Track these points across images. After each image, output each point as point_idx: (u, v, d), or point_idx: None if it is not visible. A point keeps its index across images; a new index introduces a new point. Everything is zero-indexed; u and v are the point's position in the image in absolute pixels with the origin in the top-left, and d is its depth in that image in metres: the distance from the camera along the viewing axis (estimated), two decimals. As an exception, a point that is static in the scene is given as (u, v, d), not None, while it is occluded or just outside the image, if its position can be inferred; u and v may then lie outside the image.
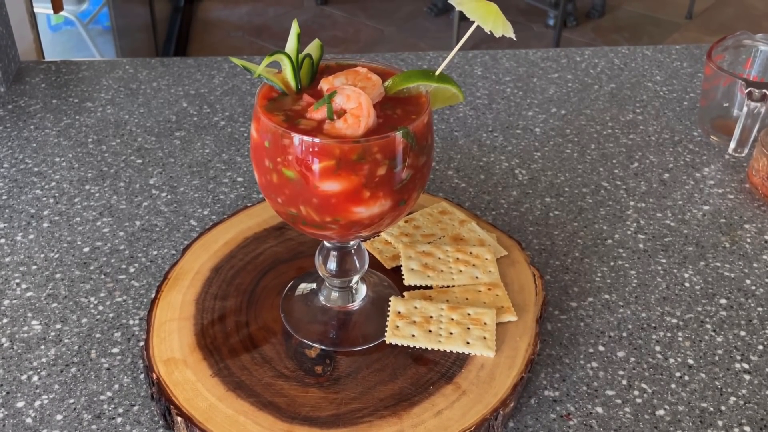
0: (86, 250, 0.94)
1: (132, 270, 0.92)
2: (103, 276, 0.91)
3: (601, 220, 1.03)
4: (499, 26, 0.67)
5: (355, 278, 0.81)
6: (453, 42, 4.02)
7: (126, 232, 0.97)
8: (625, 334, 0.86)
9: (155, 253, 0.94)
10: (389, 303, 0.82)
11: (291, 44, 0.72)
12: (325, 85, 0.71)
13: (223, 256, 0.89)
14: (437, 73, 0.71)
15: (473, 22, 0.67)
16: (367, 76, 0.71)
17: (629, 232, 1.01)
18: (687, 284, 0.93)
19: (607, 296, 0.91)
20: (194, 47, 3.93)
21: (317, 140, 0.64)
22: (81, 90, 1.27)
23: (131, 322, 0.85)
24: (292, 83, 0.71)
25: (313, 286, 0.85)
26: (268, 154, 0.68)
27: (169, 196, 1.04)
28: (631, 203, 1.06)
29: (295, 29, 0.72)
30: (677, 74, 1.38)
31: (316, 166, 0.65)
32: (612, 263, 0.96)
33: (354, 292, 0.83)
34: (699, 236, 1.00)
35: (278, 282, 0.86)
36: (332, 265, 0.79)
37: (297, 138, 0.65)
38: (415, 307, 0.81)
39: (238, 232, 0.93)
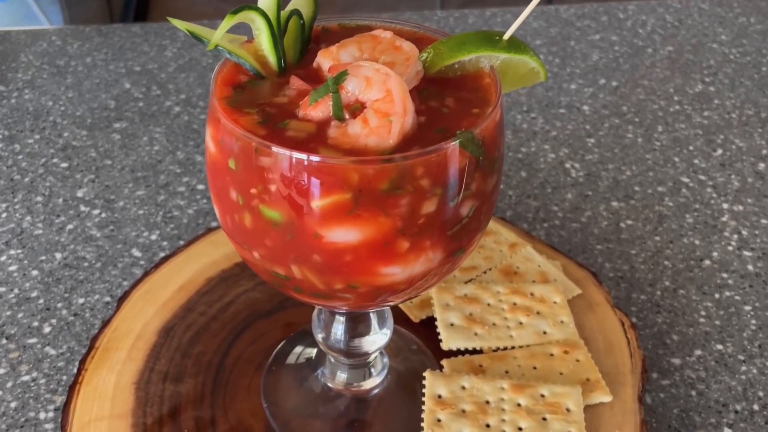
0: (-17, 299, 0.67)
1: (47, 330, 0.64)
2: (5, 341, 0.63)
3: (690, 232, 0.76)
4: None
5: (374, 354, 0.54)
6: (437, 3, 3.70)
7: (41, 271, 0.69)
8: (757, 407, 0.60)
9: (81, 301, 0.66)
10: (423, 381, 0.55)
11: (267, -6, 0.44)
12: (325, 60, 0.43)
13: (176, 309, 0.62)
14: (506, 36, 0.44)
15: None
16: (395, 45, 0.43)
17: (731, 248, 0.75)
18: (824, 323, 0.67)
19: (720, 346, 0.65)
20: (155, 15, 3.58)
21: (318, 159, 0.37)
22: (-9, 69, 0.98)
23: (43, 415, 0.57)
24: (272, 58, 0.44)
25: (311, 354, 0.59)
26: (236, 182, 0.40)
27: (103, 215, 0.75)
28: (725, 206, 0.80)
29: (272, -31, 0.44)
30: (746, 33, 1.11)
31: (318, 202, 0.38)
32: (717, 295, 0.70)
33: (371, 366, 0.56)
34: (823, 251, 0.75)
35: (257, 349, 0.59)
36: (338, 335, 0.52)
37: (284, 155, 0.37)
38: (463, 388, 0.55)
39: (198, 270, 0.66)
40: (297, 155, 0.37)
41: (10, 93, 0.93)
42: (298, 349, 0.59)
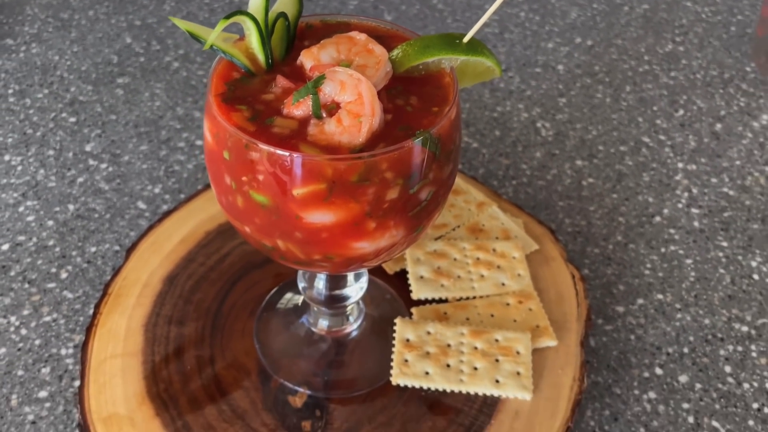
0: (5, 247, 0.74)
1: (64, 275, 0.72)
2: (26, 285, 0.71)
3: (646, 190, 0.84)
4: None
5: (351, 305, 0.62)
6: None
7: (56, 221, 0.77)
8: (686, 350, 0.69)
9: (93, 250, 0.74)
10: (394, 327, 0.64)
11: (256, -1, 0.50)
12: (307, 60, 0.50)
13: (178, 260, 0.70)
14: (466, 39, 0.50)
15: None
16: (368, 48, 0.50)
17: (680, 206, 0.82)
18: (756, 276, 0.75)
19: (660, 296, 0.73)
20: None
21: (298, 156, 0.44)
22: (-1, 21, 1.03)
23: (63, 351, 0.66)
24: (261, 57, 0.50)
25: (297, 300, 0.67)
26: (230, 170, 0.47)
27: (110, 168, 0.83)
28: (680, 165, 0.87)
29: (261, -24, 0.50)
30: (720, -10, 1.16)
31: (299, 191, 0.45)
32: (663, 249, 0.78)
33: (349, 314, 0.64)
34: (765, 209, 0.82)
35: (250, 297, 0.68)
36: (320, 287, 0.61)
37: (269, 151, 0.44)
38: (428, 333, 0.63)
39: (198, 224, 0.73)
40: (280, 152, 0.44)
41: (18, 47, 0.99)
42: (286, 297, 0.68)
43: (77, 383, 0.64)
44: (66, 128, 0.87)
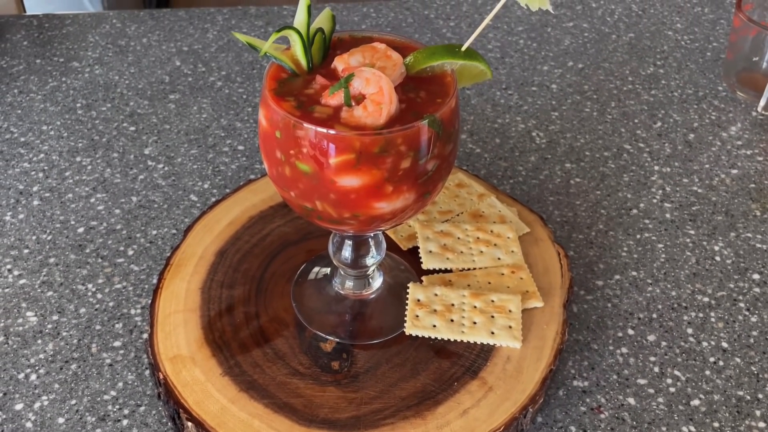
0: (80, 230, 0.88)
1: (130, 252, 0.86)
2: (100, 260, 0.85)
3: (625, 188, 0.97)
4: (535, -1, 0.60)
5: (372, 267, 0.76)
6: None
7: (122, 210, 0.91)
8: (655, 316, 0.81)
9: (154, 233, 0.88)
10: (407, 290, 0.77)
11: (300, 17, 0.65)
12: (339, 64, 0.64)
13: (227, 238, 0.84)
14: (464, 48, 0.64)
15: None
16: (387, 54, 0.64)
17: (655, 201, 0.95)
18: (717, 258, 0.88)
19: (634, 273, 0.86)
20: (177, 2, 3.64)
21: (334, 132, 0.58)
22: (66, 48, 1.19)
23: (132, 311, 0.80)
24: (303, 62, 0.64)
25: (326, 271, 0.80)
26: (280, 146, 0.61)
27: (166, 168, 0.97)
28: (656, 168, 1.00)
29: (304, 0, 0.64)
30: (698, 21, 1.30)
31: (334, 160, 0.59)
32: (638, 236, 0.91)
33: (370, 279, 0.78)
34: (728, 204, 0.95)
35: (288, 267, 0.81)
36: (347, 254, 0.74)
37: (312, 129, 0.58)
38: (436, 295, 0.77)
39: (242, 210, 0.87)
40: (320, 129, 0.58)
41: (83, 68, 1.14)
42: (317, 268, 0.81)
43: (145, 335, 0.77)
44: (127, 135, 1.02)
